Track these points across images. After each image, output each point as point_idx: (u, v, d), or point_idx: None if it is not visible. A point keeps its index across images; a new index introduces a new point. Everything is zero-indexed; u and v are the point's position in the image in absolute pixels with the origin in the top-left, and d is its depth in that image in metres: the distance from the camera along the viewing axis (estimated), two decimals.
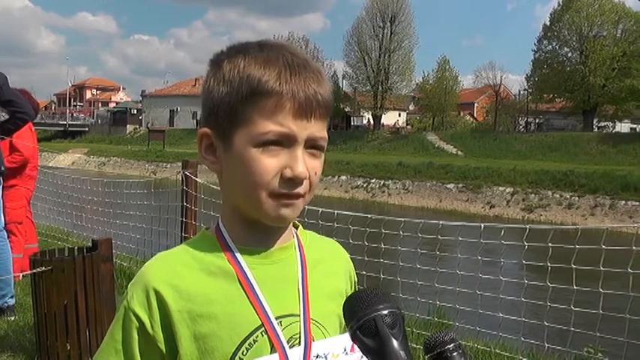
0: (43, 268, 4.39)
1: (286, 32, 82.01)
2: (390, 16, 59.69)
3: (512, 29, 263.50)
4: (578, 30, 52.77)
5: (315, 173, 1.13)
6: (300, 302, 1.16)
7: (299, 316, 1.15)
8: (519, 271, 5.77)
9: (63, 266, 4.44)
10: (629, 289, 4.18)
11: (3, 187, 6.55)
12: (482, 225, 4.97)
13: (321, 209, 5.64)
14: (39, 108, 7.72)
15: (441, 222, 5.19)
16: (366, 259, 5.45)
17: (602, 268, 4.27)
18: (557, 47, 55.97)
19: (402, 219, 5.46)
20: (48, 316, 4.42)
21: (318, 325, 1.16)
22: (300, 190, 1.11)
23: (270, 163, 1.09)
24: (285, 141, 1.09)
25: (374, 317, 0.94)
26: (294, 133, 1.08)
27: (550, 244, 4.53)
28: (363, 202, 37.22)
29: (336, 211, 5.68)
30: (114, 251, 4.99)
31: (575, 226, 5.01)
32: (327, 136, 1.15)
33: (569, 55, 55.35)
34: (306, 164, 1.10)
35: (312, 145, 1.11)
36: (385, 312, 0.95)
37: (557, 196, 32.13)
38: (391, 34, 59.78)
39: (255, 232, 1.17)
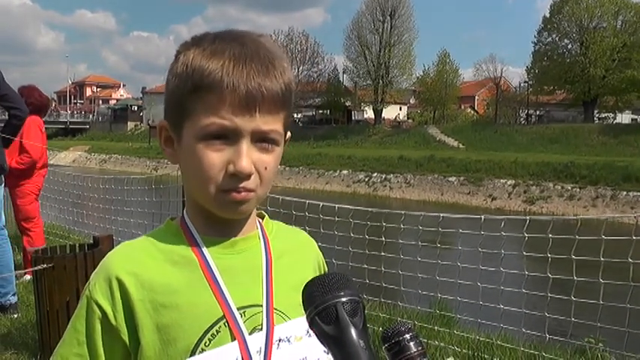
0: (45, 266, 4.40)
1: (286, 27, 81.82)
2: (389, 10, 59.59)
3: (512, 22, 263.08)
4: (578, 21, 52.68)
5: (266, 168, 1.11)
6: (264, 292, 1.15)
7: (262, 306, 1.14)
8: (520, 263, 5.78)
9: (64, 263, 4.46)
10: (630, 279, 4.19)
11: (13, 187, 6.60)
12: (483, 217, 4.98)
13: (322, 203, 5.65)
14: (49, 103, 7.70)
15: (441, 214, 5.19)
16: (367, 252, 5.47)
17: (602, 259, 4.28)
18: (557, 39, 55.88)
19: (403, 212, 5.46)
20: (50, 313, 4.43)
21: (282, 315, 1.15)
22: (248, 184, 1.09)
23: (214, 158, 1.08)
24: (230, 135, 1.07)
25: (335, 304, 0.90)
26: (237, 126, 1.06)
27: (550, 235, 4.54)
28: (365, 197, 37.23)
29: (336, 205, 5.69)
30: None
31: (575, 217, 5.01)
32: (280, 129, 1.12)
33: (570, 46, 55.28)
34: (253, 158, 1.08)
35: (260, 138, 1.09)
36: (346, 299, 0.91)
37: (559, 187, 32.12)
38: (391, 28, 59.68)
39: (216, 223, 1.16)
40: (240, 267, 1.16)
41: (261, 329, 1.12)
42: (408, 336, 0.93)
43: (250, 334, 1.11)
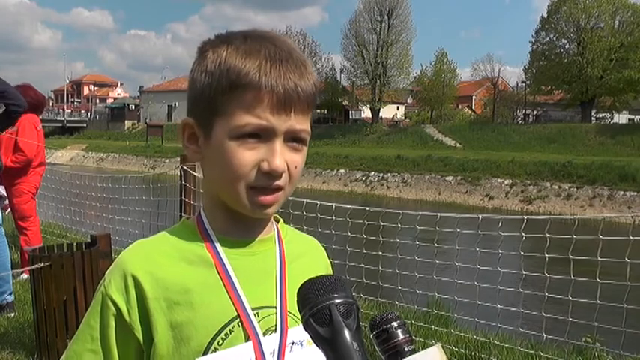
0: (42, 264, 4.40)
1: (283, 26, 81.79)
2: (387, 9, 59.59)
3: (510, 21, 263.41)
4: (576, 21, 52.73)
5: (296, 167, 1.13)
6: (277, 294, 1.16)
7: (275, 307, 1.15)
8: (517, 262, 5.79)
9: (62, 262, 4.45)
10: (627, 279, 4.19)
11: (9, 186, 6.59)
12: (480, 216, 4.98)
13: (319, 202, 5.65)
14: (45, 101, 7.67)
15: (438, 214, 5.19)
16: (365, 251, 5.47)
17: (599, 258, 4.28)
18: (554, 39, 55.92)
19: (400, 211, 5.47)
20: (47, 312, 4.43)
21: (294, 318, 1.15)
22: (279, 183, 1.11)
23: (247, 156, 1.08)
24: (264, 134, 1.08)
25: (329, 305, 0.91)
26: (273, 126, 1.08)
27: (547, 234, 4.54)
28: (362, 196, 37.24)
29: (334, 204, 5.69)
30: (113, 247, 4.99)
31: (572, 216, 5.01)
32: (309, 129, 1.14)
33: (567, 46, 55.32)
34: (285, 157, 1.10)
35: (292, 138, 1.11)
36: (340, 300, 0.92)
37: (556, 187, 32.17)
38: (389, 27, 59.67)
39: (236, 223, 1.17)
40: (255, 268, 1.17)
41: (274, 330, 1.13)
42: (395, 323, 0.94)
43: (264, 335, 1.12)
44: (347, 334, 0.89)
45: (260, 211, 1.13)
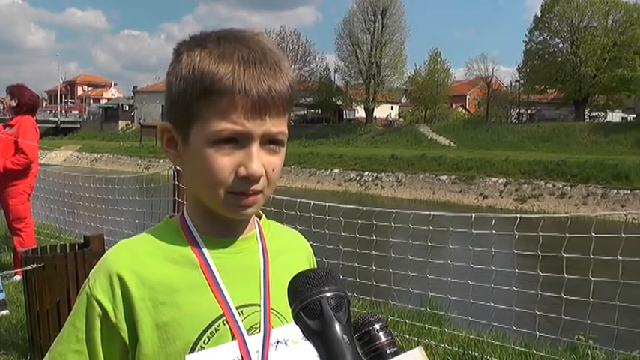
0: (35, 266, 4.38)
1: (277, 26, 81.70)
2: (381, 9, 59.65)
3: (504, 21, 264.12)
4: (569, 21, 52.88)
5: (273, 170, 1.12)
6: (261, 292, 1.17)
7: (259, 305, 1.16)
8: (511, 261, 5.80)
9: (55, 263, 4.44)
10: (619, 277, 4.21)
11: (5, 187, 6.56)
12: (473, 215, 4.99)
13: (313, 202, 5.65)
14: (39, 101, 7.64)
15: (432, 213, 5.20)
16: (359, 250, 5.47)
17: (591, 256, 4.30)
18: (548, 38, 56.06)
19: (394, 210, 5.48)
20: (40, 313, 4.42)
21: (277, 314, 1.17)
22: (257, 187, 1.11)
23: (224, 162, 1.08)
24: (240, 139, 1.08)
25: (319, 299, 0.91)
26: (249, 131, 1.07)
27: (541, 233, 4.55)
28: (357, 196, 37.24)
29: (327, 204, 5.69)
30: (106, 247, 4.97)
31: (565, 215, 5.03)
32: (286, 130, 1.13)
33: (560, 45, 55.47)
34: (262, 161, 1.10)
35: (269, 140, 1.10)
36: (330, 294, 0.91)
37: (550, 186, 32.23)
38: (382, 27, 59.74)
39: (218, 223, 1.17)
40: (238, 266, 1.18)
41: (258, 328, 1.14)
42: (377, 326, 0.95)
43: (248, 332, 1.13)
44: (337, 327, 0.89)
45: (238, 214, 1.14)
